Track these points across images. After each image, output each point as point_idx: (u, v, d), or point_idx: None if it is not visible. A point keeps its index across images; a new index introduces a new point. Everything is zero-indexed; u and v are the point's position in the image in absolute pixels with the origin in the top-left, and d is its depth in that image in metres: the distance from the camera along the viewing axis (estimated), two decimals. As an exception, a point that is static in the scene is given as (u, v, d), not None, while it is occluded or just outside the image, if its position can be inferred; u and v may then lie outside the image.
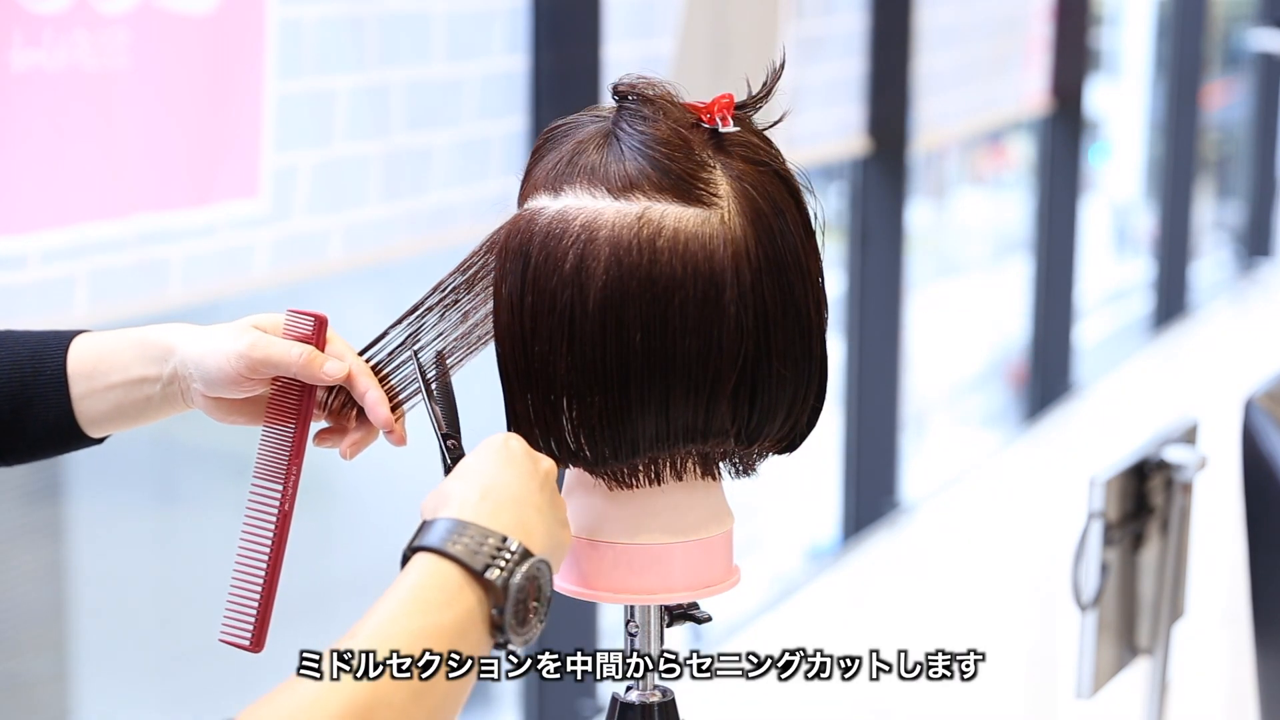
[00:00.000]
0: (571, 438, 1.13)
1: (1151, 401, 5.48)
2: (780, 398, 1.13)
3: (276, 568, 1.18)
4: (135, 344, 1.21)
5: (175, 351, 1.19)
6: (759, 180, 1.12)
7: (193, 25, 2.24)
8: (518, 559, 1.02)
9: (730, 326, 1.10)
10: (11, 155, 2.05)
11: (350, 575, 2.95)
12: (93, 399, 1.21)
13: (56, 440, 1.22)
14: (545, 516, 1.07)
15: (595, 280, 1.09)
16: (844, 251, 4.26)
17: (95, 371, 1.21)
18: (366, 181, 2.60)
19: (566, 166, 1.13)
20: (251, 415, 1.22)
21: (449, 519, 1.03)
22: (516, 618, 1.02)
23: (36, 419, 1.21)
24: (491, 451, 1.09)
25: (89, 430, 1.22)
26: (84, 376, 1.21)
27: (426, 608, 0.99)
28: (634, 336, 1.09)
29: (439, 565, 1.01)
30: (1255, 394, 2.00)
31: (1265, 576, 2.01)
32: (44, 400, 1.20)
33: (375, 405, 1.18)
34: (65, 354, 1.21)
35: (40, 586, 2.70)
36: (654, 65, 3.18)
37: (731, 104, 1.14)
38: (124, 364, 1.20)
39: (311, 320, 1.20)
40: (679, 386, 1.10)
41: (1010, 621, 3.87)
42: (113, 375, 1.20)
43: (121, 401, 1.21)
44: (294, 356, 1.17)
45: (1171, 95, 6.46)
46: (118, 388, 1.21)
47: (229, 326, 1.19)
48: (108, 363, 1.21)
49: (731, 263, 1.09)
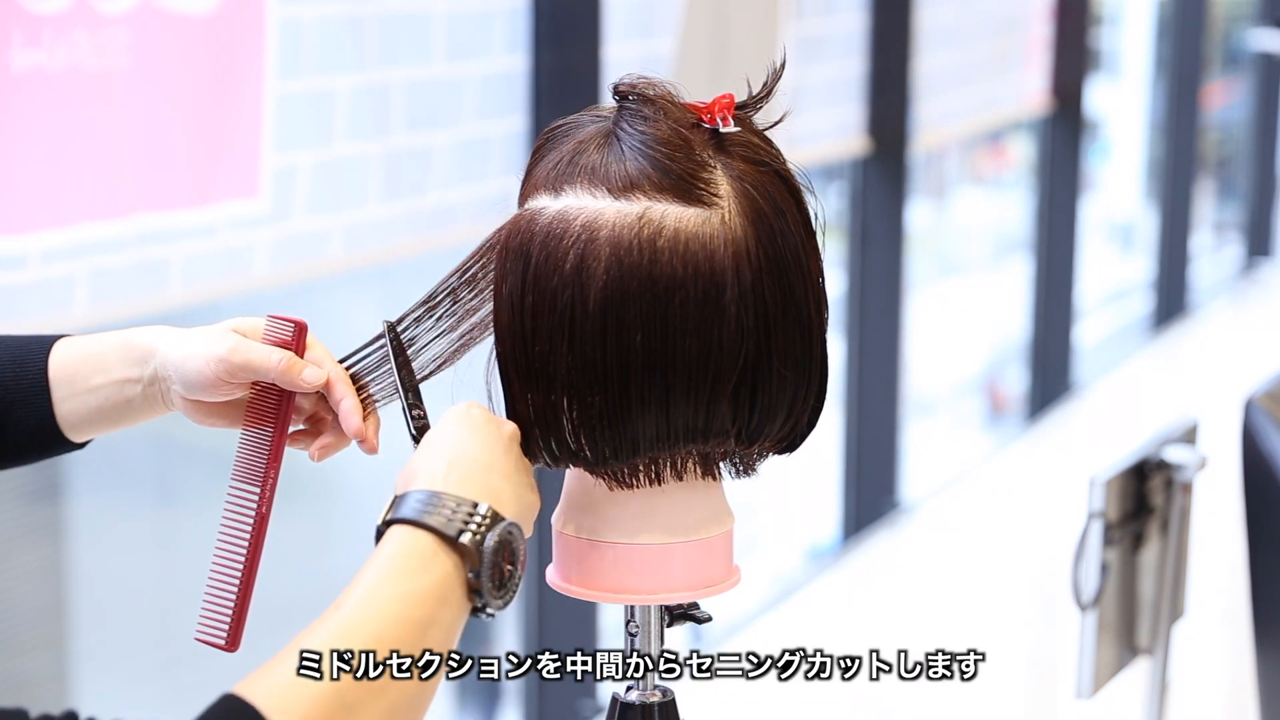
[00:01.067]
0: (572, 438, 1.13)
1: (1151, 401, 5.48)
2: (781, 398, 1.13)
3: (253, 570, 1.19)
4: (117, 346, 1.21)
5: (156, 353, 1.20)
6: (759, 180, 1.12)
7: (193, 25, 2.24)
8: (489, 523, 1.04)
9: (731, 326, 1.10)
10: (11, 155, 2.05)
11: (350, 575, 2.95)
12: (74, 402, 1.21)
13: (38, 445, 1.23)
14: (512, 481, 1.09)
15: (596, 280, 1.09)
16: (844, 251, 4.26)
17: (77, 375, 1.21)
18: (366, 181, 2.60)
19: (567, 166, 1.13)
20: (231, 419, 1.22)
21: (419, 490, 1.06)
22: (493, 580, 1.04)
23: (17, 424, 1.21)
24: (455, 422, 1.11)
25: (70, 435, 1.23)
26: (65, 381, 1.21)
27: (405, 575, 1.02)
28: (634, 336, 1.09)
29: (414, 535, 1.04)
30: (1255, 394, 2.00)
31: (1265, 576, 2.01)
32: (25, 405, 1.21)
33: (348, 414, 1.19)
34: (46, 359, 1.21)
35: (40, 586, 2.70)
36: (654, 65, 3.18)
37: (732, 104, 1.14)
38: (106, 366, 1.21)
39: (291, 326, 1.20)
40: (679, 386, 1.10)
41: (1010, 621, 3.87)
42: (94, 378, 1.21)
43: (103, 404, 1.21)
44: (273, 362, 1.18)
45: (1171, 95, 6.46)
46: (99, 390, 1.21)
47: (209, 330, 1.20)
48: (90, 365, 1.21)
49: (732, 263, 1.09)
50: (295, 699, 0.95)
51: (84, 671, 2.77)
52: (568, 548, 1.18)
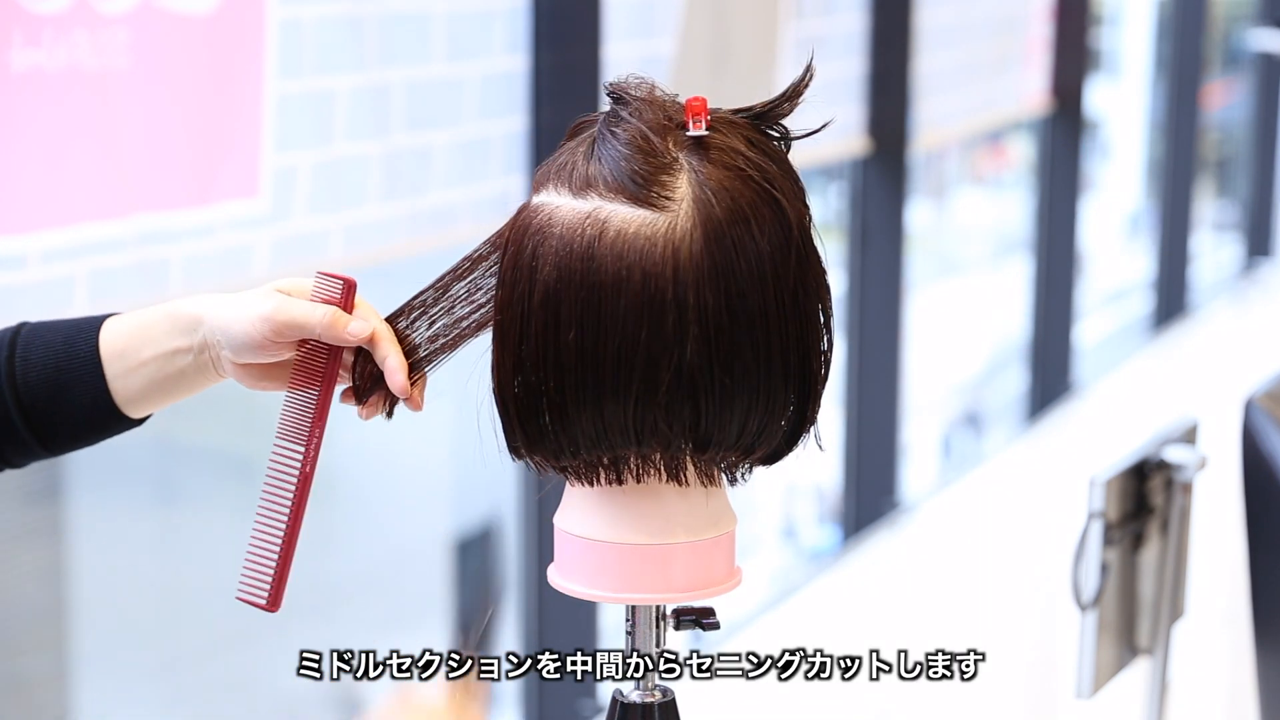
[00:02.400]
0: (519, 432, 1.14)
1: (1151, 401, 5.48)
2: (731, 407, 1.11)
3: (295, 530, 1.19)
4: (165, 317, 1.22)
5: (204, 321, 1.20)
6: (728, 186, 1.10)
7: (193, 25, 2.24)
8: None
9: (666, 331, 1.09)
10: (11, 155, 2.05)
11: (350, 575, 2.95)
12: (128, 377, 1.21)
13: (96, 424, 1.23)
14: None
15: (541, 276, 1.11)
16: (844, 251, 4.26)
17: (128, 349, 1.21)
18: (366, 181, 2.60)
19: (552, 163, 1.15)
20: (282, 381, 1.22)
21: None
22: None
23: (74, 403, 1.21)
24: None
25: (128, 410, 1.23)
26: (117, 356, 1.21)
27: None
28: (568, 334, 1.10)
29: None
30: (1255, 394, 2.00)
31: (1265, 576, 2.01)
32: (80, 384, 1.21)
33: (394, 371, 1.19)
34: (97, 336, 1.22)
35: (40, 586, 2.70)
36: (654, 65, 3.18)
37: (703, 107, 1.12)
38: (155, 338, 1.21)
39: (340, 284, 1.20)
40: (609, 387, 1.10)
41: (1010, 621, 3.87)
42: (145, 351, 1.21)
43: (156, 376, 1.21)
44: (318, 317, 1.18)
45: (1171, 95, 6.45)
46: (151, 363, 1.21)
47: (254, 292, 1.20)
48: (139, 338, 1.21)
49: (671, 267, 1.09)
50: None
51: (84, 671, 2.77)
52: (569, 547, 1.18)
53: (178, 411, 1.27)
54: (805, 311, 1.12)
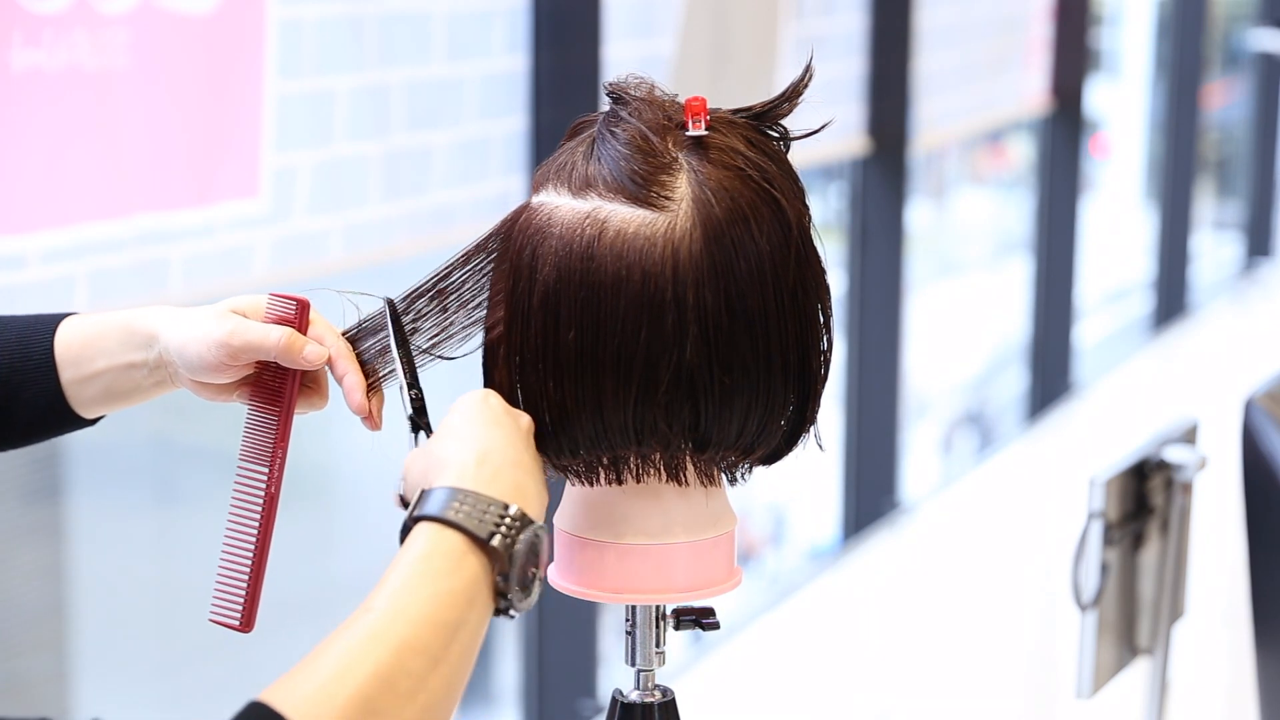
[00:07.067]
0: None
1: (1151, 401, 5.48)
2: (730, 407, 1.11)
3: (264, 550, 1.19)
4: (120, 329, 1.21)
5: (159, 338, 1.19)
6: (727, 186, 1.10)
7: (192, 25, 2.24)
8: (519, 525, 1.03)
9: (666, 331, 1.09)
10: (11, 155, 2.05)
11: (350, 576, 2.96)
12: (82, 384, 1.21)
13: (50, 423, 1.23)
14: (535, 478, 1.08)
15: (541, 276, 1.10)
16: (844, 251, 4.26)
17: (81, 357, 1.21)
18: (366, 181, 2.60)
19: (552, 163, 1.15)
20: (240, 395, 1.22)
21: (448, 487, 1.04)
22: (520, 583, 1.03)
23: (28, 403, 1.21)
24: (475, 410, 1.09)
25: (81, 411, 1.22)
26: (71, 362, 1.21)
27: (435, 576, 1.00)
28: (567, 334, 1.10)
29: (443, 534, 1.02)
30: (1255, 394, 2.00)
31: (1265, 576, 2.01)
32: (34, 385, 1.21)
33: (351, 390, 1.19)
34: (52, 338, 1.21)
35: (40, 586, 2.70)
36: (654, 65, 3.18)
37: (702, 107, 1.12)
38: (110, 349, 1.20)
39: (293, 304, 1.19)
40: (609, 387, 1.10)
41: (1010, 621, 3.87)
42: (99, 361, 1.20)
43: (111, 386, 1.21)
44: (273, 340, 1.17)
45: (1171, 95, 6.45)
46: (106, 373, 1.21)
47: (209, 311, 1.19)
48: (93, 348, 1.21)
49: (670, 267, 1.08)
50: (324, 706, 0.94)
51: (84, 671, 2.77)
52: (569, 547, 1.18)
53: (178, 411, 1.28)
54: (805, 311, 1.12)
